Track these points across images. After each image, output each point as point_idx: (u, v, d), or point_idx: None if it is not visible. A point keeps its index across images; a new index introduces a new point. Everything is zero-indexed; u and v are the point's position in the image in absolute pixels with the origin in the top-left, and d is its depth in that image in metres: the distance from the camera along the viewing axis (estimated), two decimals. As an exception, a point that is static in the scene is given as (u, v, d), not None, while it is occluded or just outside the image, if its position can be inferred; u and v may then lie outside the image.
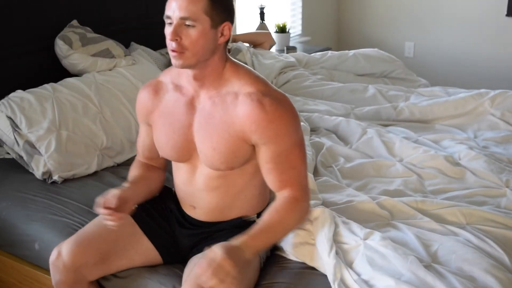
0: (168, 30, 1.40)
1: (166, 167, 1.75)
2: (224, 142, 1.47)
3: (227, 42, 1.47)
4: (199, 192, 1.58)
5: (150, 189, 1.68)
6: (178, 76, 1.55)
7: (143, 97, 1.62)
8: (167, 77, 1.59)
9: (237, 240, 1.39)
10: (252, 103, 1.43)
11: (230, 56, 1.52)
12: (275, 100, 1.44)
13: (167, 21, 1.41)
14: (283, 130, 1.45)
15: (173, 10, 1.38)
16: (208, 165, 1.52)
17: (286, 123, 1.45)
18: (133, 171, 1.70)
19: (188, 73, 1.48)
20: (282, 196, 1.50)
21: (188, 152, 1.55)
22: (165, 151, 1.60)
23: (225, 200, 1.57)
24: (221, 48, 1.46)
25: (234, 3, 1.47)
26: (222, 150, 1.48)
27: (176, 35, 1.38)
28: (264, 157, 1.48)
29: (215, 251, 1.32)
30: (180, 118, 1.53)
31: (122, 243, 1.61)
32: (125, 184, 1.60)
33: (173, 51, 1.40)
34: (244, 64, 1.54)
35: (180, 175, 1.62)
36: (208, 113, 1.49)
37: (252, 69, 1.54)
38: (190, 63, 1.42)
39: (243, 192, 1.56)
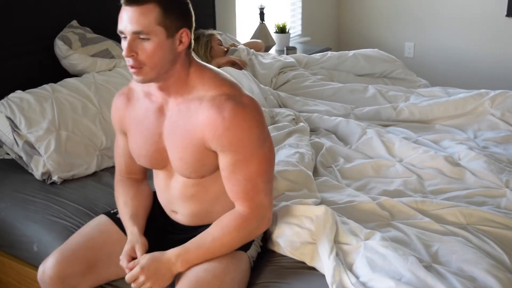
0: (123, 45, 1.35)
1: (147, 173, 1.73)
2: (189, 152, 1.43)
3: (189, 47, 1.41)
4: (176, 199, 1.56)
5: (148, 207, 1.66)
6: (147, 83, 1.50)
7: (117, 105, 1.58)
8: (138, 84, 1.54)
9: (171, 252, 1.44)
10: (211, 109, 1.37)
11: (196, 59, 1.46)
12: (238, 105, 1.37)
13: (121, 35, 1.36)
14: (240, 139, 1.37)
15: (125, 24, 1.33)
16: (179, 173, 1.50)
17: (244, 132, 1.37)
18: (123, 197, 1.64)
19: (153, 83, 1.44)
20: (232, 211, 1.47)
21: (162, 160, 1.52)
22: (139, 159, 1.57)
23: (203, 206, 1.55)
24: (182, 56, 1.40)
25: (190, 6, 1.40)
26: (188, 159, 1.45)
27: (131, 51, 1.33)
28: (221, 164, 1.44)
29: (139, 260, 1.44)
30: (150, 126, 1.50)
31: (108, 250, 1.58)
32: (133, 227, 1.55)
33: (131, 67, 1.36)
34: (211, 67, 1.48)
35: (158, 181, 1.60)
36: (175, 121, 1.45)
37: (220, 71, 1.48)
38: (150, 77, 1.37)
39: (221, 197, 1.52)
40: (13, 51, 2.40)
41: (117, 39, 2.63)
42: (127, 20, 1.32)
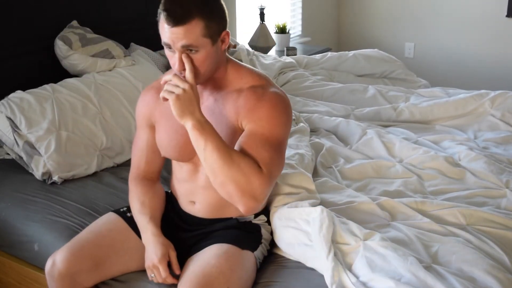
0: (171, 57, 1.40)
1: (160, 173, 1.76)
2: (222, 135, 1.47)
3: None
4: (200, 188, 1.59)
5: (163, 208, 1.68)
6: None
7: (147, 99, 1.62)
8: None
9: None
10: (253, 96, 1.47)
11: (229, 56, 1.53)
12: (276, 94, 1.48)
13: (166, 46, 1.40)
14: (269, 117, 1.45)
15: (172, 40, 1.36)
16: None
17: (275, 113, 1.46)
18: (141, 196, 1.64)
19: None
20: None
21: (190, 152, 1.54)
22: (167, 151, 1.60)
23: None
24: (223, 53, 1.49)
25: (223, 5, 1.45)
26: None
27: (183, 64, 1.39)
28: (244, 133, 1.46)
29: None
30: None
31: (116, 248, 1.61)
32: (155, 229, 1.57)
33: (184, 77, 1.41)
34: (244, 64, 1.56)
35: (182, 173, 1.62)
36: (210, 110, 1.51)
37: (253, 67, 1.56)
38: (201, 80, 1.45)
39: None
40: (13, 51, 2.40)
41: (117, 39, 2.66)
42: (174, 37, 1.36)
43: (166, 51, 1.42)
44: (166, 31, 1.37)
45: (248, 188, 1.39)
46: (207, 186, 1.56)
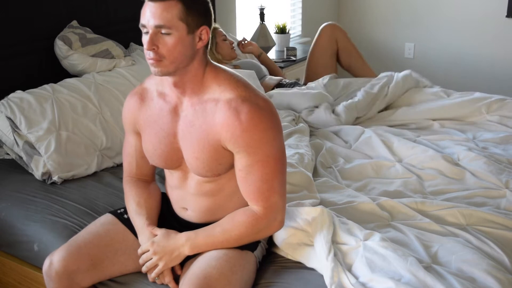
0: (145, 39, 1.39)
1: (155, 174, 1.76)
2: (206, 151, 1.46)
3: (206, 46, 1.45)
4: (190, 195, 1.58)
5: (159, 208, 1.68)
6: (161, 83, 1.53)
7: (131, 105, 1.60)
8: (151, 84, 1.57)
9: (182, 234, 1.52)
10: (228, 111, 1.40)
11: (211, 60, 1.50)
12: (254, 107, 1.41)
13: (143, 30, 1.39)
14: (257, 141, 1.41)
15: (148, 18, 1.36)
16: (194, 173, 1.52)
17: (261, 133, 1.41)
18: (136, 198, 1.65)
19: (168, 80, 1.46)
20: (246, 208, 1.50)
21: (176, 160, 1.55)
22: (153, 160, 1.59)
23: (216, 202, 1.57)
24: (200, 53, 1.44)
25: (210, 5, 1.44)
26: (204, 158, 1.47)
27: (153, 44, 1.37)
28: (237, 164, 1.46)
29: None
30: (164, 127, 1.52)
31: (114, 248, 1.60)
32: (150, 228, 1.59)
33: (150, 59, 1.39)
34: (225, 68, 1.51)
35: (173, 180, 1.62)
36: (190, 121, 1.48)
37: (234, 72, 1.50)
38: (168, 70, 1.40)
39: (235, 194, 1.54)
40: (13, 51, 2.40)
41: (117, 39, 2.66)
42: (150, 15, 1.36)
43: (143, 37, 1.40)
44: (146, 9, 1.38)
45: (263, 233, 1.52)
46: (197, 193, 1.57)
